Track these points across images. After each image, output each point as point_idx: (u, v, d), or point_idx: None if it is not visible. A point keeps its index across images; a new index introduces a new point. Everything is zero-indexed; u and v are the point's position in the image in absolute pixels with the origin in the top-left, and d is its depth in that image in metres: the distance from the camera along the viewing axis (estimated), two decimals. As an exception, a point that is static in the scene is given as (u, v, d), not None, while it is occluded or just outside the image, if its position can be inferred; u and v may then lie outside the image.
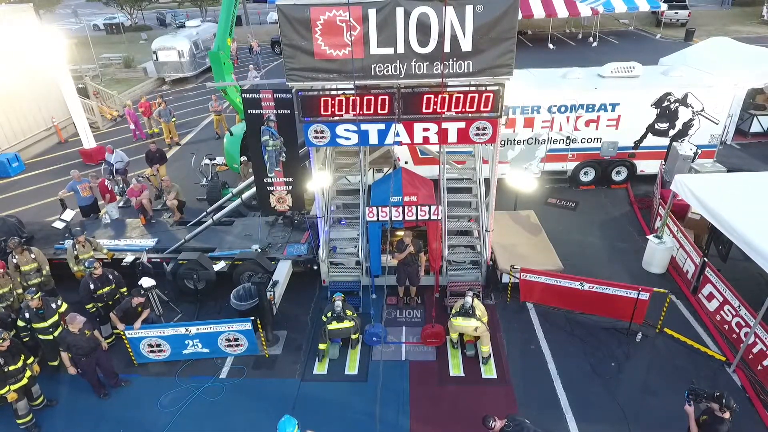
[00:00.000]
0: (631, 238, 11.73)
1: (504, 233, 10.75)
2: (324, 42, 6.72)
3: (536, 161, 13.66)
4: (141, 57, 33.16)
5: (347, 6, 6.41)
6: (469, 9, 6.41)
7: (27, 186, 16.18)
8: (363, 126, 7.59)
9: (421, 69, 6.87)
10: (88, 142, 17.16)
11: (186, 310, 10.03)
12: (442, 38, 6.60)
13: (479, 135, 7.64)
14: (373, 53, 6.76)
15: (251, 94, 8.41)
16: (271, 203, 9.59)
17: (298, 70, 7.01)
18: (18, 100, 17.97)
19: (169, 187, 12.24)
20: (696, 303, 9.41)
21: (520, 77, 13.42)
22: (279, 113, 8.47)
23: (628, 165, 13.66)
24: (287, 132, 8.70)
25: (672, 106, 12.77)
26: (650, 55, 27.78)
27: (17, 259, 9.25)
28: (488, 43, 6.61)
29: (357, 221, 10.44)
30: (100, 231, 11.53)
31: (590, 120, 12.99)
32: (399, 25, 6.54)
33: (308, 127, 7.73)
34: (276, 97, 8.36)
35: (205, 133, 20.06)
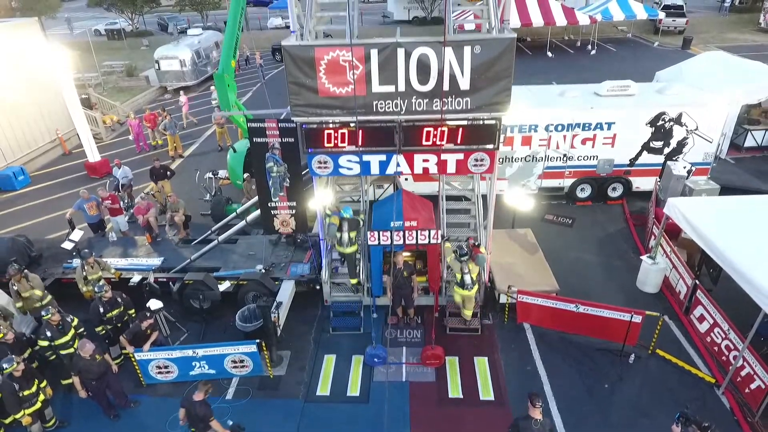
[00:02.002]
0: (626, 255, 12.00)
1: (502, 252, 11.02)
2: (328, 80, 6.98)
3: (534, 178, 13.93)
4: (143, 64, 33.39)
5: (350, 47, 6.67)
6: (467, 50, 6.67)
7: (33, 200, 16.43)
8: (365, 157, 7.86)
9: (421, 106, 7.14)
10: (93, 155, 17.40)
11: (192, 328, 10.29)
12: (441, 77, 6.86)
13: (477, 166, 7.91)
14: (375, 91, 7.02)
15: (256, 123, 8.68)
16: (275, 226, 9.85)
17: (302, 106, 7.27)
18: (23, 112, 18.23)
19: (174, 204, 12.49)
20: (688, 323, 9.69)
21: (519, 94, 13.59)
22: (283, 141, 8.75)
23: (623, 182, 13.93)
24: (291, 159, 8.97)
25: (667, 125, 13.04)
26: (647, 64, 28.15)
27: (17, 287, 9.47)
28: (485, 81, 6.88)
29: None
30: (107, 249, 11.80)
31: (586, 138, 13.26)
32: (400, 64, 6.80)
33: (312, 157, 7.99)
34: (280, 126, 8.64)
35: (207, 144, 20.32)
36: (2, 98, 17.28)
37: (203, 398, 6.95)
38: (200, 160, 18.87)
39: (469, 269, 8.95)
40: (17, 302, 9.56)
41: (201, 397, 6.93)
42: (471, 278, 9.01)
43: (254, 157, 8.96)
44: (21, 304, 9.56)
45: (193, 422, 7.07)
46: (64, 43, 42.31)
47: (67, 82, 15.95)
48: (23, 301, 9.57)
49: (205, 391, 6.97)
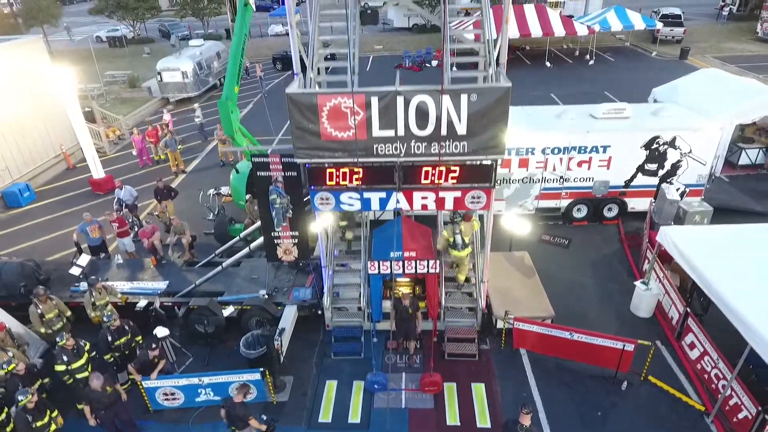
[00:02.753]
0: (621, 278, 12.27)
1: (499, 276, 11.28)
2: (330, 125, 7.25)
3: (531, 199, 14.20)
4: (144, 73, 33.70)
5: (351, 94, 6.94)
6: (464, 97, 6.94)
7: (38, 217, 16.69)
8: (365, 194, 8.14)
9: (420, 149, 7.41)
10: (97, 172, 17.67)
11: (197, 352, 10.56)
12: (439, 122, 7.13)
13: (474, 203, 8.18)
14: (375, 135, 7.29)
15: (261, 158, 8.95)
16: (278, 254, 10.12)
17: (305, 149, 7.55)
18: (28, 129, 18.50)
19: (178, 226, 12.76)
20: (679, 349, 9.96)
21: (516, 116, 13.95)
22: (286, 175, 9.02)
23: (619, 202, 14.20)
24: (294, 191, 9.24)
25: (661, 148, 13.31)
26: (645, 75, 28.47)
27: (42, 309, 9.81)
28: (482, 127, 7.15)
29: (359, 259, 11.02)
30: (112, 272, 12.07)
31: (582, 161, 13.53)
32: (399, 111, 7.07)
33: (314, 194, 8.26)
34: (283, 161, 8.91)
35: (209, 159, 20.58)
36: (8, 116, 17.55)
37: (242, 400, 7.74)
38: (202, 175, 19.15)
39: (461, 230, 9.85)
40: (39, 326, 9.87)
41: (240, 399, 7.72)
42: (462, 239, 9.88)
43: (258, 190, 9.24)
44: (43, 329, 9.87)
45: (233, 422, 7.77)
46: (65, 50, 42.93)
47: (71, 101, 16.21)
48: (44, 325, 9.88)
49: (243, 393, 7.79)
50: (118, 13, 41.89)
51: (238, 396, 7.71)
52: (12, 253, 14.31)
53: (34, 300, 9.86)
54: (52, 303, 10.05)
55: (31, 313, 9.86)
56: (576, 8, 42.60)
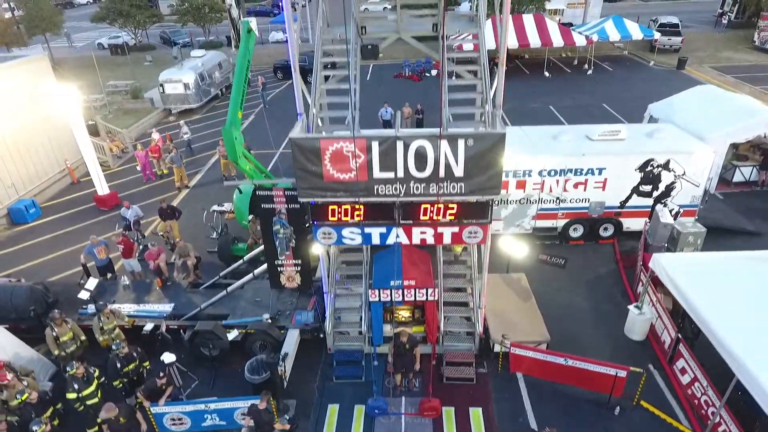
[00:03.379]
0: (615, 299, 12.57)
1: (496, 298, 11.58)
2: (332, 167, 7.54)
3: (528, 219, 14.50)
4: (146, 82, 33.96)
5: (353, 139, 7.24)
6: (461, 142, 7.24)
7: (44, 234, 16.97)
8: (366, 229, 8.44)
9: (419, 189, 7.70)
10: (102, 188, 17.96)
11: (202, 375, 10.86)
12: (437, 165, 7.43)
13: (471, 237, 8.48)
14: (376, 177, 7.58)
15: (264, 191, 9.25)
16: (281, 281, 10.42)
17: (308, 189, 7.84)
18: (34, 145, 18.78)
19: (183, 248, 13.04)
20: (671, 374, 10.25)
21: (514, 136, 14.28)
22: (289, 207, 9.32)
23: (614, 222, 14.49)
24: (297, 222, 9.54)
25: (655, 171, 13.60)
26: (643, 87, 28.77)
27: (57, 331, 10.13)
28: (478, 169, 7.44)
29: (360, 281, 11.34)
30: (119, 294, 12.37)
31: (578, 183, 13.82)
32: (399, 155, 7.37)
33: (317, 229, 8.55)
34: (287, 194, 9.22)
35: (212, 174, 20.85)
36: (14, 133, 17.84)
37: (266, 406, 8.45)
38: (205, 190, 19.45)
39: None
40: (54, 349, 10.18)
41: (264, 406, 8.45)
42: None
43: (262, 221, 9.52)
44: (57, 351, 10.18)
45: (259, 426, 8.50)
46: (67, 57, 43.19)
47: (77, 121, 16.50)
48: (59, 347, 10.19)
49: (267, 400, 8.49)
50: (120, 20, 42.12)
51: (262, 403, 8.42)
52: (19, 272, 14.60)
53: (50, 323, 10.16)
54: (67, 326, 10.38)
55: (47, 335, 10.17)
56: (575, 15, 42.90)
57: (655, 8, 54.66)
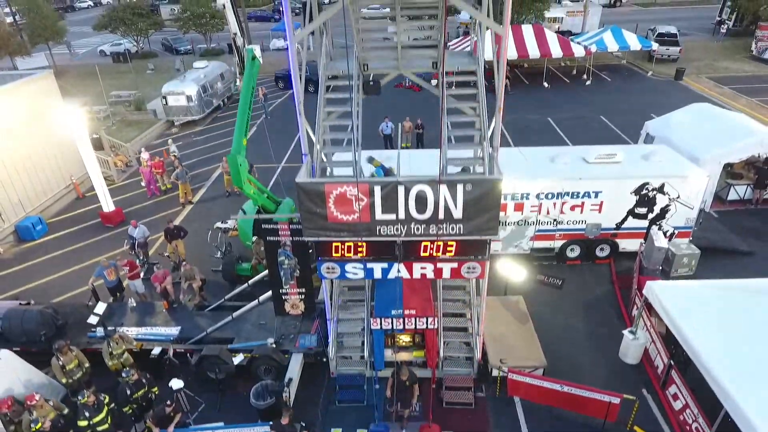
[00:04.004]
0: (611, 322, 12.88)
1: (494, 322, 11.89)
2: (336, 209, 7.85)
3: (526, 239, 14.81)
4: (149, 91, 34.24)
5: (356, 184, 7.55)
6: (459, 187, 7.55)
7: (51, 251, 17.26)
8: (369, 264, 8.75)
9: (419, 230, 8.01)
10: (107, 205, 18.27)
11: (208, 398, 11.17)
12: (437, 208, 7.74)
13: (470, 272, 8.79)
14: (378, 218, 7.89)
15: (270, 225, 9.57)
16: (286, 309, 10.73)
17: (313, 229, 8.16)
18: (40, 162, 19.07)
19: (189, 272, 13.35)
20: (664, 398, 10.57)
21: (513, 158, 14.60)
22: (294, 240, 9.63)
23: (611, 243, 14.80)
24: (301, 254, 9.85)
25: (650, 194, 13.91)
26: (640, 99, 29.07)
27: (63, 360, 10.43)
28: (476, 212, 7.75)
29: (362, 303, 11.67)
30: (127, 316, 12.69)
31: (575, 205, 14.13)
32: (400, 198, 7.68)
33: (321, 264, 8.86)
34: (291, 228, 9.53)
35: (215, 188, 21.13)
36: (21, 151, 18.13)
37: (289, 420, 8.80)
38: (209, 206, 19.74)
39: None
40: (61, 377, 10.50)
41: (287, 420, 8.78)
42: None
43: (268, 253, 9.84)
44: (65, 379, 10.49)
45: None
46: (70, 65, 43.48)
47: (83, 141, 16.81)
48: (65, 376, 10.51)
49: (288, 415, 8.82)
50: (122, 28, 42.41)
51: (285, 418, 8.77)
52: (27, 292, 14.92)
53: (56, 353, 10.47)
54: (72, 354, 10.68)
55: (53, 365, 10.48)
56: (574, 24, 43.18)
57: (654, 14, 55.01)
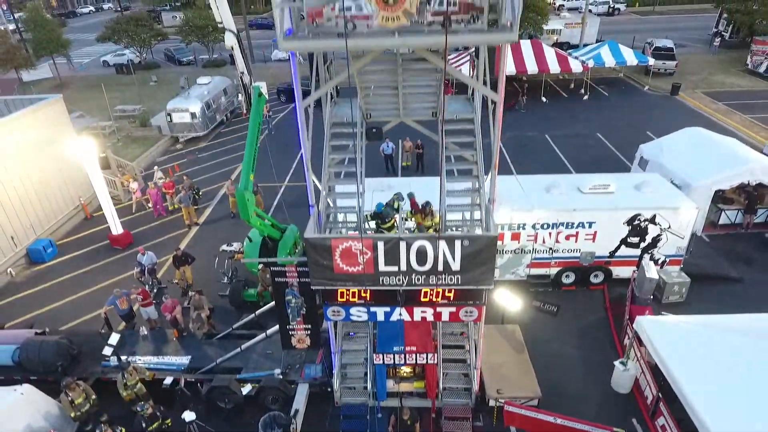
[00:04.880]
0: (604, 349, 13.40)
1: (491, 351, 12.41)
2: (342, 262, 8.37)
3: (522, 267, 15.34)
4: (153, 104, 34.74)
5: (360, 239, 8.07)
6: (457, 243, 8.07)
7: (62, 274, 17.77)
8: (372, 308, 9.27)
9: (420, 280, 8.53)
10: (116, 228, 18.77)
11: (218, 426, 11.70)
12: (436, 261, 8.25)
13: (467, 315, 9.32)
14: (381, 270, 8.41)
15: (278, 267, 10.08)
16: (292, 343, 11.24)
17: (320, 279, 8.69)
18: (50, 186, 19.59)
19: (198, 301, 13.86)
20: (653, 429, 11.09)
21: (510, 186, 15.11)
22: (301, 281, 10.14)
23: (604, 270, 15.32)
24: (307, 293, 10.37)
25: (642, 224, 14.43)
26: (637, 115, 29.56)
27: (71, 395, 10.94)
28: (473, 265, 8.27)
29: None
30: (139, 345, 13.21)
31: (570, 235, 14.66)
32: (402, 252, 8.19)
33: (327, 307, 9.38)
34: (298, 270, 10.04)
35: (220, 209, 21.61)
36: (31, 176, 18.65)
37: None
38: (215, 227, 20.26)
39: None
40: (69, 412, 11.00)
41: None
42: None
43: (276, 293, 10.35)
44: (74, 413, 11.00)
45: None
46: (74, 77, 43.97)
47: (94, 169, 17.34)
48: (74, 410, 11.01)
49: None
50: (125, 40, 42.91)
51: None
52: (39, 317, 15.44)
53: (64, 389, 10.94)
54: (79, 388, 11.14)
55: (62, 401, 10.97)
56: (572, 35, 43.63)
57: (652, 23, 55.49)
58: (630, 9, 64.10)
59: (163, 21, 69.19)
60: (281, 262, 10.08)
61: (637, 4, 65.44)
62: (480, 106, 10.21)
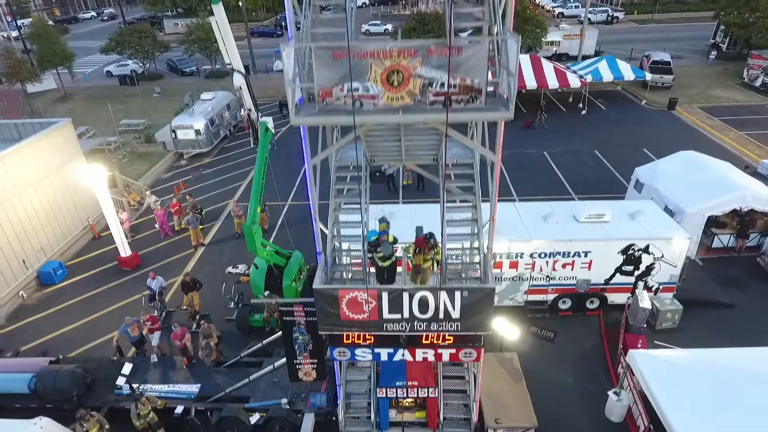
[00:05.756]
0: (598, 377, 13.89)
1: (490, 378, 12.86)
2: (348, 310, 8.86)
3: (520, 293, 15.82)
4: (157, 117, 35.25)
5: (366, 290, 8.56)
6: (457, 294, 8.55)
7: (72, 296, 18.23)
8: (376, 349, 9.76)
9: (422, 326, 9.01)
10: (124, 251, 19.26)
11: (228, 454, 12.22)
12: (437, 310, 8.74)
13: (467, 356, 9.80)
14: (385, 317, 8.90)
15: (286, 307, 10.58)
16: (299, 376, 11.73)
17: (328, 325, 9.19)
18: (60, 209, 20.06)
19: (207, 330, 14.34)
20: (645, 458, 11.60)
21: (508, 213, 15.62)
22: (308, 320, 10.64)
23: (600, 296, 15.81)
24: (314, 331, 10.86)
25: (636, 254, 14.92)
26: (634, 131, 30.06)
27: (86, 426, 11.43)
28: (472, 313, 8.74)
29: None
30: (150, 373, 13.70)
31: (566, 263, 15.14)
32: (405, 302, 8.68)
33: (333, 348, 9.88)
34: (306, 310, 10.53)
35: (225, 229, 22.09)
36: (42, 199, 19.11)
37: None
38: (221, 248, 20.74)
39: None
40: None
41: None
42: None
43: (284, 331, 10.84)
44: None
45: None
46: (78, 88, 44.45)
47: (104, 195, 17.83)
48: None
49: None
50: (129, 51, 43.38)
51: None
52: (51, 342, 15.94)
53: (79, 421, 11.42)
54: (94, 419, 11.63)
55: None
56: (571, 46, 44.11)
57: (650, 32, 55.92)
58: (628, 17, 64.51)
59: (164, 28, 69.87)
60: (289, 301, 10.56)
61: (635, 12, 65.88)
62: (478, 157, 10.62)
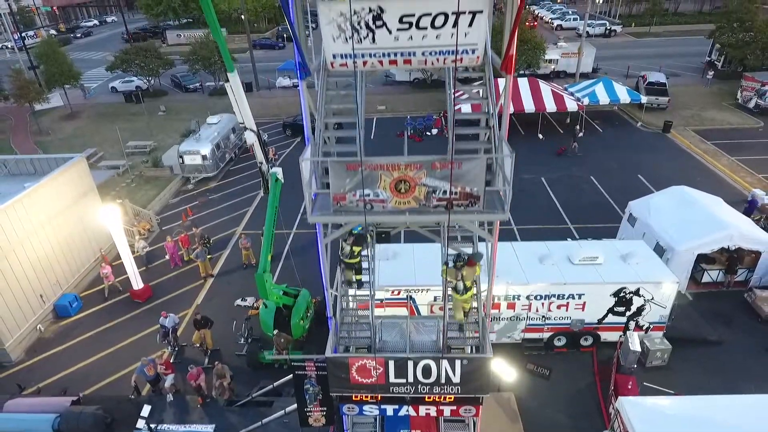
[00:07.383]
0: (591, 417, 14.66)
1: (488, 421, 13.63)
2: (357, 375, 9.63)
3: (517, 331, 16.60)
4: (163, 137, 36.03)
5: (374, 358, 9.33)
6: (458, 362, 9.34)
7: (87, 329, 18.95)
8: (382, 406, 10.53)
9: (425, 389, 9.78)
10: (137, 283, 20.02)
11: (241, 494, 12.99)
12: (439, 376, 9.51)
13: (467, 412, 10.57)
14: (392, 381, 9.67)
15: (298, 362, 11.34)
16: (309, 422, 12.49)
17: (338, 387, 9.97)
18: (74, 241, 20.80)
19: (220, 371, 15.10)
20: (633, 500, 12.35)
21: (506, 253, 16.39)
22: (318, 374, 11.40)
23: (593, 335, 16.59)
24: (324, 383, 11.63)
25: (627, 296, 15.70)
26: (630, 157, 30.80)
27: None
28: (472, 378, 9.50)
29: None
30: (167, 413, 14.46)
31: (561, 305, 15.92)
32: (410, 369, 9.46)
33: (343, 405, 10.65)
34: (316, 365, 11.29)
35: (232, 260, 22.81)
36: (59, 236, 19.85)
37: None
38: (229, 279, 21.49)
39: (463, 276, 9.62)
40: None
41: None
42: (464, 284, 9.67)
43: (295, 383, 11.60)
44: None
45: None
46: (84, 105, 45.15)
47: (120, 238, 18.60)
48: None
49: None
50: (134, 69, 44.11)
51: None
52: (69, 379, 16.65)
53: None
54: None
55: None
56: (569, 64, 44.90)
57: (647, 47, 56.76)
58: (626, 30, 65.31)
59: (167, 39, 70.60)
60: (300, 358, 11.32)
61: (633, 24, 66.68)
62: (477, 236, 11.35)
